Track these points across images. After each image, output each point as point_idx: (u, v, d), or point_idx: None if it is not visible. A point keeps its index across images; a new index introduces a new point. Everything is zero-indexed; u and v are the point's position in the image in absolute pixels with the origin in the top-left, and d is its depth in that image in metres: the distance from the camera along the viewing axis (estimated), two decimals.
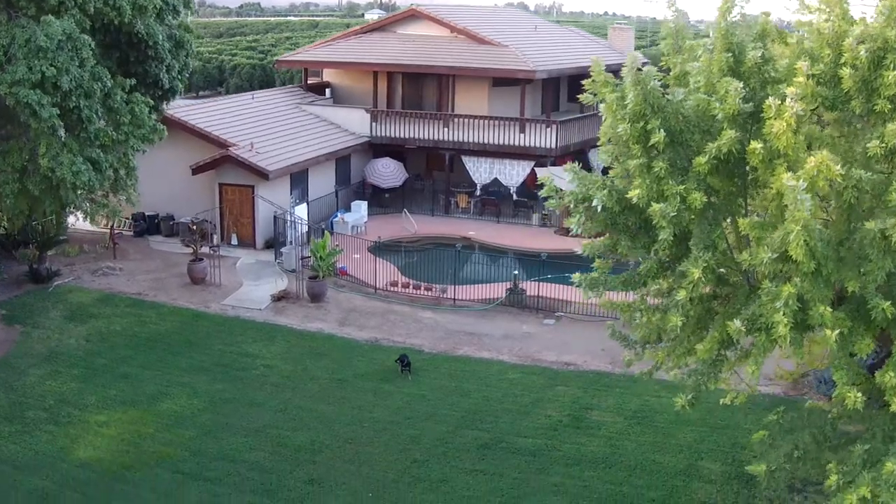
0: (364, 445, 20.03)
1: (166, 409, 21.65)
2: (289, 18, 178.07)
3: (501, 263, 33.11)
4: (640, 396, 22.80)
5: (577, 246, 14.33)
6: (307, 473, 18.83)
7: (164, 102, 30.81)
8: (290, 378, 23.66)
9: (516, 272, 30.54)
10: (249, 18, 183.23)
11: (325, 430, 20.72)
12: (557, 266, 32.39)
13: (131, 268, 32.31)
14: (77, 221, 33.14)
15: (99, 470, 18.83)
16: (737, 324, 10.94)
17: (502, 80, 42.71)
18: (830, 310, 10.51)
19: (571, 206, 13.48)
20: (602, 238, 13.96)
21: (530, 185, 40.88)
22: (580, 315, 28.62)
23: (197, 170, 35.21)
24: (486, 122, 40.52)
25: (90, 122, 23.53)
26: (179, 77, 30.30)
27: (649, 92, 12.15)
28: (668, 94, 12.86)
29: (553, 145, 39.66)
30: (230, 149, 34.89)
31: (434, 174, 43.99)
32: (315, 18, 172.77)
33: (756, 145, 11.16)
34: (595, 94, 13.41)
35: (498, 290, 30.42)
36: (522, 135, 40.13)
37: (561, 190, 14.28)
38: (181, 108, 37.23)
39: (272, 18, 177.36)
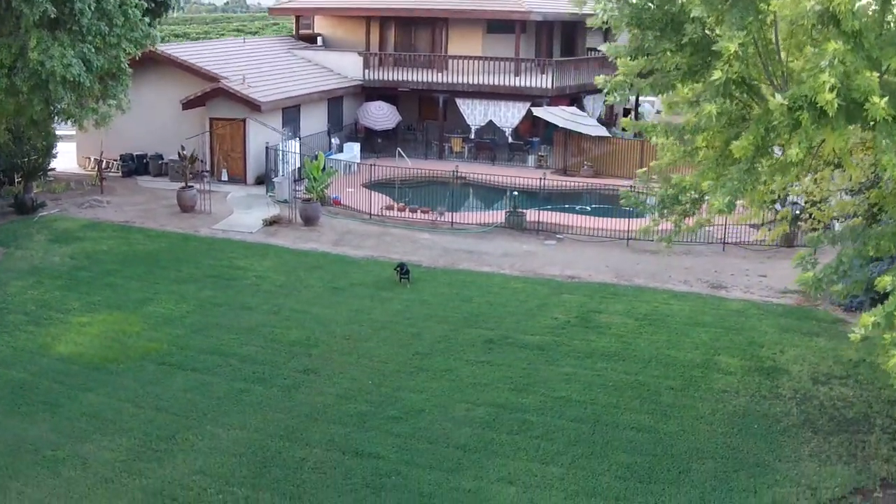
0: (362, 341, 18.98)
1: (153, 312, 20.57)
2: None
3: (499, 194, 32.04)
4: (648, 303, 21.85)
5: (577, 181, 13.24)
6: (302, 364, 17.77)
7: (157, 18, 29.56)
8: (282, 287, 22.60)
9: (515, 192, 29.45)
10: (235, 14, 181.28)
11: (321, 328, 19.66)
12: (559, 197, 31.50)
13: (119, 201, 31.22)
14: (59, 165, 32.07)
15: (80, 363, 17.78)
16: (778, 98, 9.89)
17: (496, 27, 41.62)
18: (877, 75, 9.49)
19: None
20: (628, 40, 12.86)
21: (524, 133, 39.80)
22: (582, 236, 27.55)
23: (187, 104, 34.13)
24: (481, 62, 39.41)
25: (82, 14, 22.41)
26: None
27: None
28: None
29: (549, 85, 38.55)
30: (222, 81, 33.68)
31: (427, 123, 42.79)
32: None
33: None
34: None
35: (496, 217, 29.39)
36: (518, 77, 38.92)
37: None
38: (170, 48, 36.05)
39: (259, 14, 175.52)
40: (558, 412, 15.86)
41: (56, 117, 26.97)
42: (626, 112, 51.47)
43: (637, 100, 51.98)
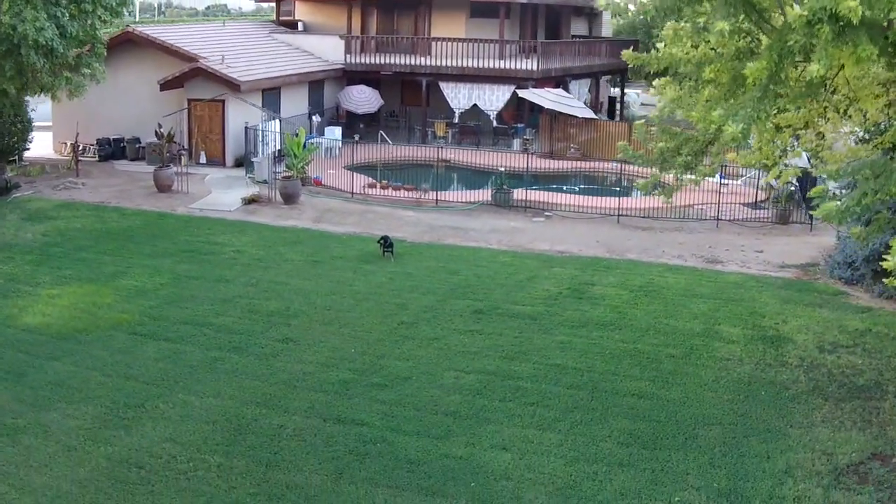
0: (344, 311, 18.02)
1: (126, 285, 19.56)
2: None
3: (484, 177, 31.13)
4: (643, 276, 21.00)
5: (564, 165, 12.38)
6: (281, 334, 16.78)
7: None
8: (261, 260, 21.61)
9: (502, 169, 28.54)
10: (217, 17, 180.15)
11: (301, 299, 18.68)
12: (546, 179, 30.64)
13: (94, 184, 30.22)
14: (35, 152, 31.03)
15: (47, 333, 16.74)
16: (797, 9, 8.98)
17: (480, 10, 40.70)
18: None
19: None
20: None
21: (508, 119, 38.91)
22: (571, 213, 26.69)
23: (165, 85, 33.08)
24: (465, 44, 38.48)
25: None
26: None
27: None
28: None
29: (535, 67, 37.64)
30: (200, 60, 32.66)
31: (410, 108, 41.83)
32: None
33: None
34: None
35: (482, 196, 28.49)
36: (503, 60, 38.01)
37: None
38: (148, 29, 35.01)
39: (239, 18, 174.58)
40: (553, 379, 14.93)
41: (29, 89, 25.80)
42: (612, 101, 50.84)
43: (622, 89, 51.24)
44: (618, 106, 50.24)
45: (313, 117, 36.75)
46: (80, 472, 11.97)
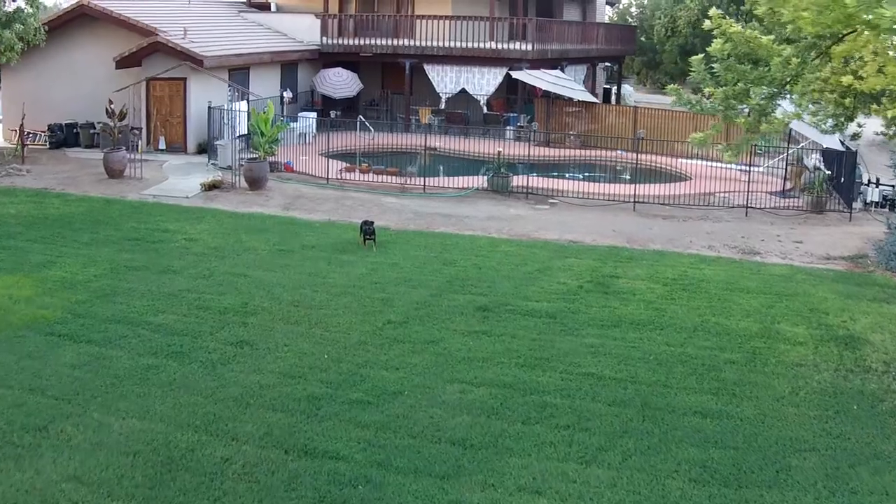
0: (316, 308, 14.42)
1: (52, 275, 15.98)
2: None
3: (476, 166, 27.60)
4: (674, 267, 17.55)
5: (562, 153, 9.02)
6: (234, 335, 13.16)
7: None
8: (217, 249, 18.04)
9: (500, 149, 24.98)
10: None
11: (263, 294, 15.08)
12: (544, 168, 27.21)
13: (41, 170, 26.77)
14: None
15: None
16: None
17: None
18: None
19: None
20: None
21: (498, 108, 35.39)
22: (579, 200, 23.20)
23: (121, 62, 29.55)
24: (453, 23, 34.86)
25: None
26: None
27: None
28: None
29: (529, 48, 34.09)
30: (160, 34, 29.02)
31: (391, 95, 38.18)
32: None
33: None
34: None
35: (477, 182, 24.94)
36: (493, 42, 34.42)
37: None
38: (104, 2, 31.31)
39: None
40: (590, 393, 11.38)
41: None
42: (606, 93, 47.51)
43: (619, 78, 48.09)
44: (613, 98, 46.95)
45: (284, 94, 32.98)
46: None
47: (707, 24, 11.75)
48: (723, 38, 11.41)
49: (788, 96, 12.18)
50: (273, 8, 40.96)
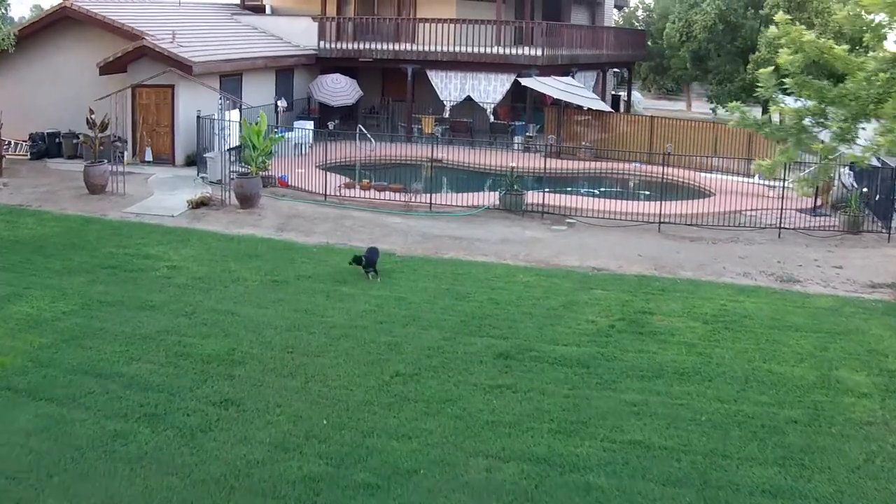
0: (312, 356, 12.54)
1: (17, 312, 14.16)
2: None
3: (483, 179, 25.81)
4: (711, 301, 15.73)
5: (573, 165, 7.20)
6: (218, 392, 11.28)
7: None
8: (203, 279, 16.17)
9: (513, 164, 23.16)
10: None
11: (252, 337, 13.23)
12: (555, 182, 25.42)
13: (19, 184, 25.03)
14: None
15: None
16: None
17: None
18: None
19: None
20: None
21: (504, 117, 33.58)
22: (600, 220, 21.39)
23: (105, 67, 27.82)
24: (458, 27, 33.08)
25: None
26: None
27: None
28: None
29: (539, 53, 32.29)
30: (146, 38, 27.24)
31: (392, 103, 36.35)
32: None
33: None
34: None
35: (487, 199, 23.12)
36: (499, 46, 32.61)
37: None
38: (88, 4, 29.54)
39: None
40: (638, 469, 9.56)
41: None
42: (615, 100, 45.85)
43: (629, 85, 46.43)
44: (622, 105, 45.20)
45: (279, 103, 31.15)
46: None
47: (772, 30, 9.94)
48: (791, 47, 9.57)
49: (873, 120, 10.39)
50: (268, 10, 39.20)
